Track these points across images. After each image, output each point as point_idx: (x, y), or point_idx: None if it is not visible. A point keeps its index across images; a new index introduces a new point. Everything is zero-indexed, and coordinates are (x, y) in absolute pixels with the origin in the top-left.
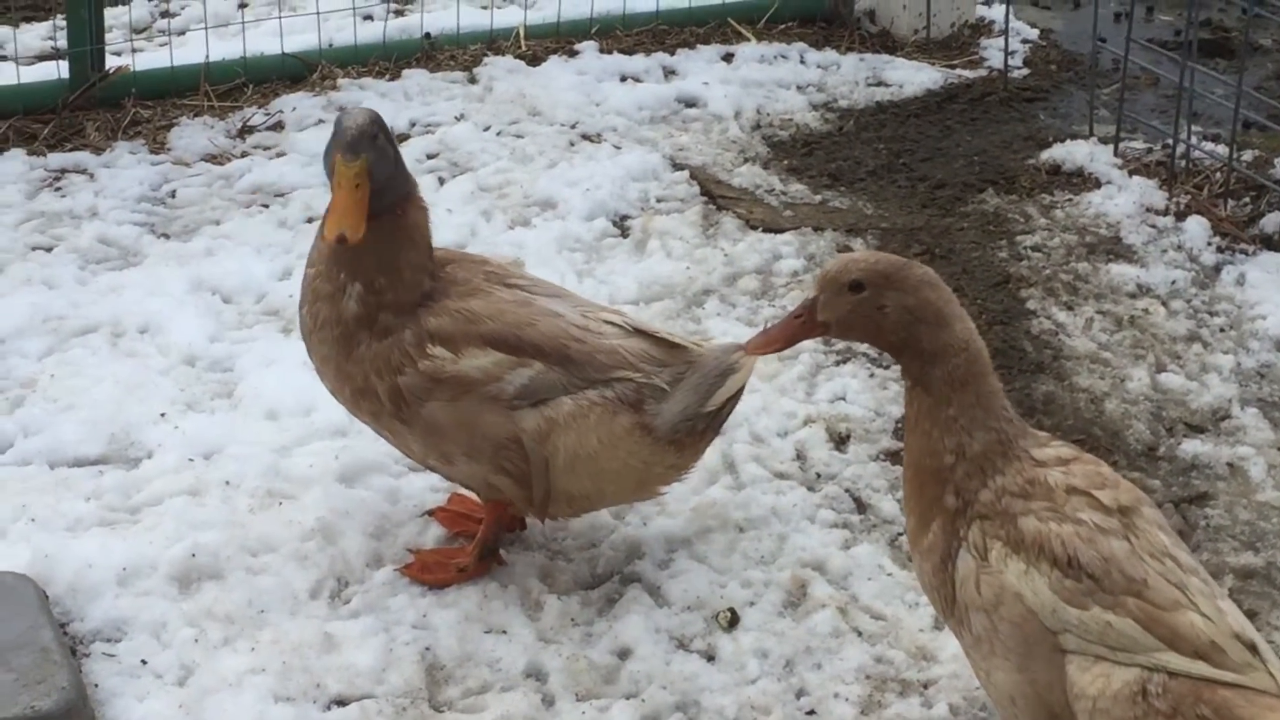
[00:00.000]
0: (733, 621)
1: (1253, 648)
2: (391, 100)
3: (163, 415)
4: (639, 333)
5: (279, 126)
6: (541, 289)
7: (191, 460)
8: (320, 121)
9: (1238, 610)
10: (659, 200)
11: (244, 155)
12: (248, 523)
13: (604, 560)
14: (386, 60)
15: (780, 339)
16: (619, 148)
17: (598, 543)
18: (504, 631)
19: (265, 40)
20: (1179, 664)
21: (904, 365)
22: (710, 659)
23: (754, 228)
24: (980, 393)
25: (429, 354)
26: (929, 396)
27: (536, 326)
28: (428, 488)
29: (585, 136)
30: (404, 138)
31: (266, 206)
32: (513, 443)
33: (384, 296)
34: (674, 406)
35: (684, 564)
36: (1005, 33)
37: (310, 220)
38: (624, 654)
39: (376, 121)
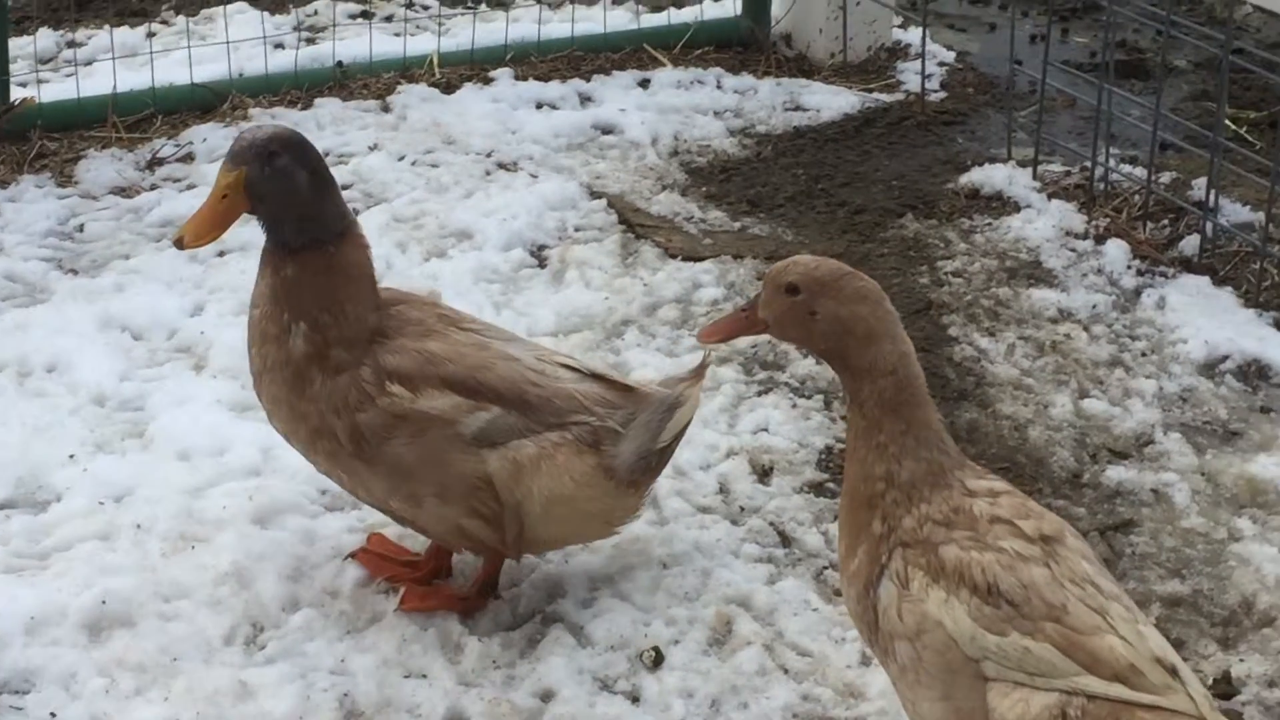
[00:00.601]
0: (657, 661)
1: (1173, 671)
2: (304, 129)
3: (71, 457)
4: (593, 376)
5: (189, 158)
6: (495, 333)
7: (102, 503)
8: None
9: (1160, 636)
10: (577, 229)
11: (153, 188)
12: (160, 567)
13: (525, 600)
14: (298, 89)
15: (723, 330)
16: (536, 176)
17: (518, 582)
18: (424, 675)
19: (174, 70)
20: (1097, 687)
21: (842, 381)
22: (635, 700)
23: (673, 256)
24: (911, 421)
25: (388, 391)
26: (863, 419)
27: (494, 370)
28: (344, 529)
29: (501, 165)
30: None
31: None
32: (484, 484)
33: (330, 333)
34: (629, 446)
35: (607, 602)
36: (922, 56)
37: (222, 254)
38: (547, 696)
39: (282, 140)
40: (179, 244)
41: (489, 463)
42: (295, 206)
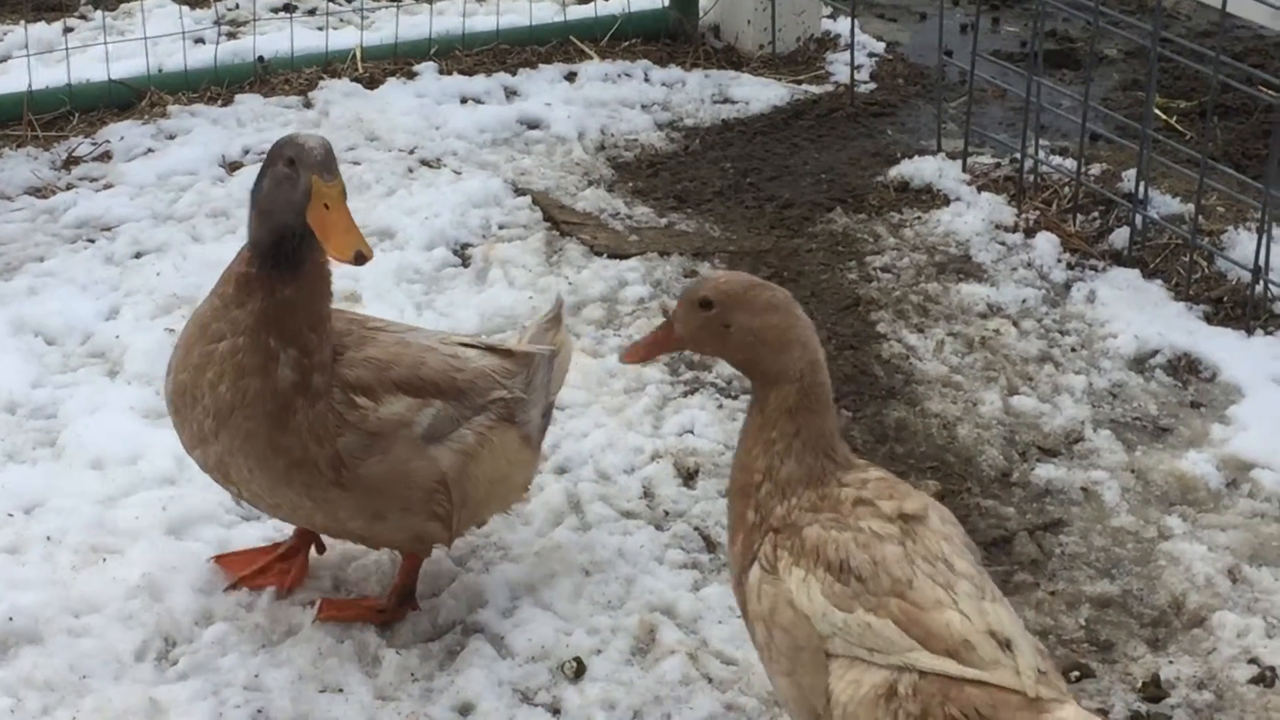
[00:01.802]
0: (579, 671)
1: (1007, 645)
2: (224, 127)
3: None
4: (490, 350)
5: (106, 157)
6: (399, 328)
7: (11, 515)
8: (150, 150)
9: (1006, 611)
10: (501, 227)
11: (69, 188)
12: (70, 581)
13: (445, 610)
14: (218, 86)
15: (643, 350)
16: (459, 173)
17: (438, 591)
18: (340, 690)
19: (91, 67)
20: (927, 662)
21: (754, 386)
22: (556, 712)
23: (599, 254)
24: (804, 426)
25: (357, 406)
26: (760, 416)
27: (427, 364)
28: (260, 538)
29: (425, 162)
30: (237, 166)
31: (93, 241)
32: (441, 485)
33: (314, 357)
34: (535, 411)
35: (528, 612)
36: (851, 48)
37: (139, 255)
38: (466, 709)
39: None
40: (360, 260)
41: (441, 461)
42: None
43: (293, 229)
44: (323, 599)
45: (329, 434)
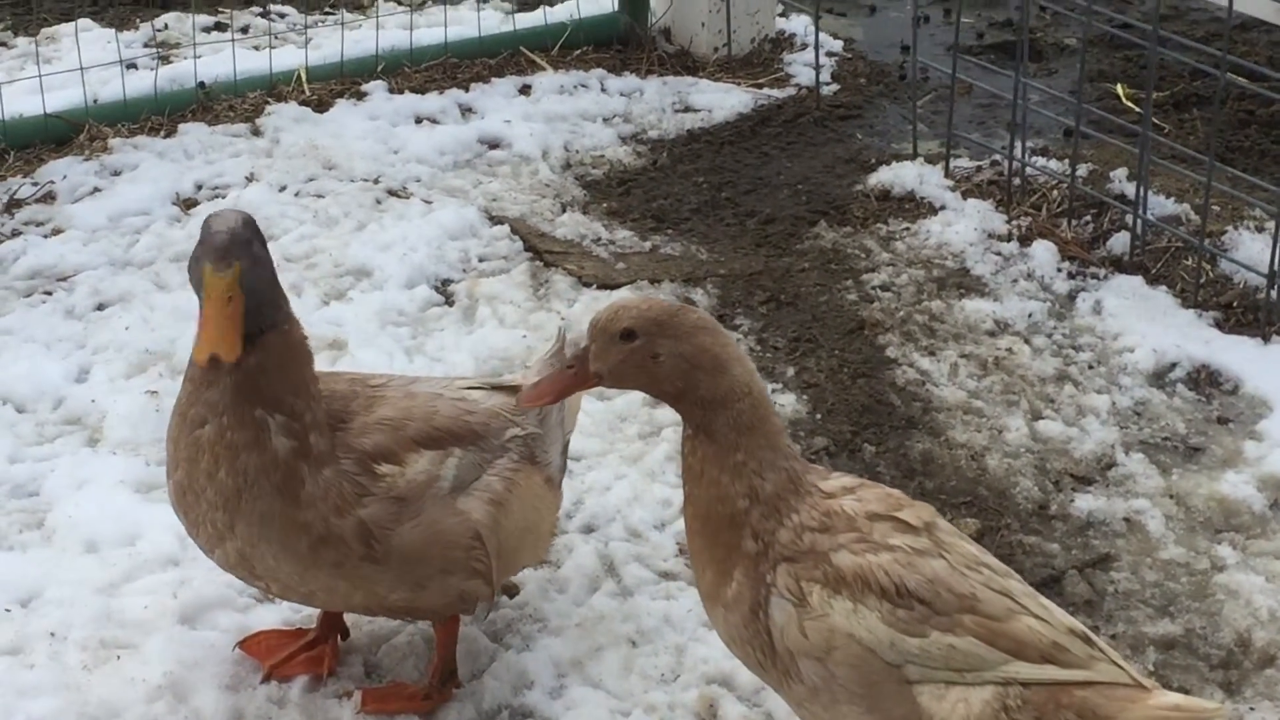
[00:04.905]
0: None
1: (1088, 639)
2: (171, 160)
3: None
4: (495, 389)
5: (50, 198)
6: (403, 380)
7: (8, 610)
8: (96, 189)
9: (1056, 605)
10: (481, 260)
11: (15, 234)
12: (84, 684)
13: (489, 693)
14: (159, 115)
15: (551, 392)
16: (430, 202)
17: (479, 673)
18: None
19: (23, 99)
20: (1029, 672)
21: (684, 413)
22: None
23: (587, 285)
24: (767, 434)
25: (380, 475)
26: (713, 443)
27: (440, 413)
28: (280, 621)
29: (392, 192)
30: (193, 203)
31: (50, 294)
32: (476, 540)
33: (305, 418)
34: (554, 448)
35: (578, 691)
36: (816, 48)
37: (101, 307)
38: None
39: (250, 225)
40: (214, 363)
41: (474, 514)
42: (269, 289)
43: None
44: (363, 690)
45: (348, 504)
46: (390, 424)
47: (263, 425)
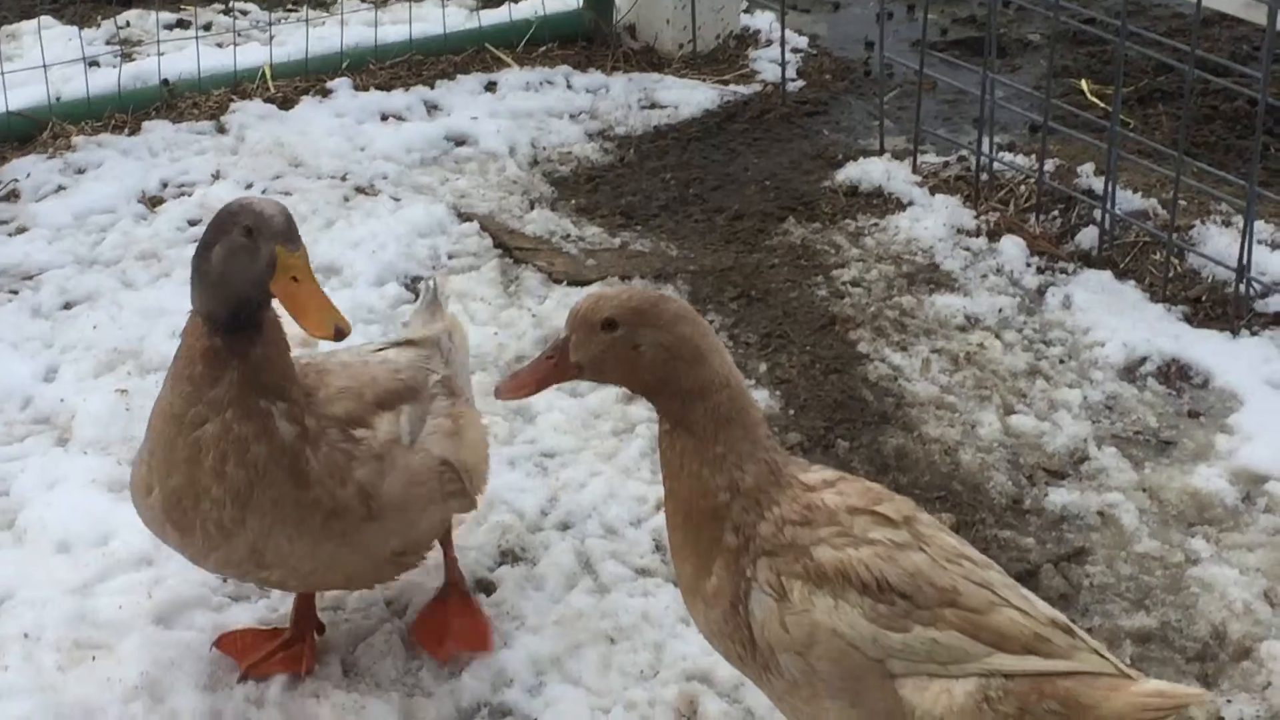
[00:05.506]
0: None
1: (1069, 630)
2: (136, 158)
3: None
4: (398, 345)
5: (13, 196)
6: (337, 356)
7: None
8: (61, 187)
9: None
10: (450, 257)
11: None
12: (59, 685)
13: (468, 692)
14: (123, 112)
15: (531, 383)
16: (398, 200)
17: (457, 672)
18: None
19: None
20: (1012, 664)
21: (661, 406)
22: None
23: (558, 281)
24: (747, 426)
25: (357, 439)
26: (692, 436)
27: (379, 378)
28: (255, 620)
29: (360, 190)
30: (158, 201)
31: (15, 293)
32: (445, 465)
33: (300, 402)
34: (463, 379)
35: (557, 689)
36: (782, 45)
37: (68, 306)
38: None
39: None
40: (340, 336)
41: (435, 449)
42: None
43: (253, 300)
44: (419, 624)
45: (345, 473)
46: (352, 392)
47: (267, 415)
